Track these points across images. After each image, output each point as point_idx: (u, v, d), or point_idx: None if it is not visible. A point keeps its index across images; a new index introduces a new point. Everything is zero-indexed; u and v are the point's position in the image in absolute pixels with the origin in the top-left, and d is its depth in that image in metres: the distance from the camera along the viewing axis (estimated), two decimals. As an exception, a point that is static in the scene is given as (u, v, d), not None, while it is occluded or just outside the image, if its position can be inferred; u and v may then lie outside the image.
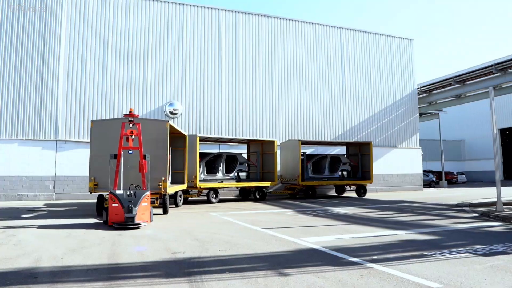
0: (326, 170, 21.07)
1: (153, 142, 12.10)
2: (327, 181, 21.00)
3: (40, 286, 4.48)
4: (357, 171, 22.41)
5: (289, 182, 20.37)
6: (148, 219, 9.85)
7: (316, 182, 20.50)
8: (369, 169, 21.63)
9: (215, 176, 17.87)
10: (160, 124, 12.87)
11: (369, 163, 21.65)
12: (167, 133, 12.53)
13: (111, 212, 9.40)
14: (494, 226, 9.62)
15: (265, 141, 20.21)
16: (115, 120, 12.90)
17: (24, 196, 18.82)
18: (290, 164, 20.30)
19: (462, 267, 5.32)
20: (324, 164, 21.15)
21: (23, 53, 19.69)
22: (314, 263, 5.63)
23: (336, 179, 21.33)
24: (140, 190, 10.17)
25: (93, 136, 12.52)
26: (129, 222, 9.03)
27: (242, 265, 5.64)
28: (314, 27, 26.43)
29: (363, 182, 21.50)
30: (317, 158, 21.50)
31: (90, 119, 19.04)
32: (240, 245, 7.13)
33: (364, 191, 21.38)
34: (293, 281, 4.70)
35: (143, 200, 9.64)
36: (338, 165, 21.39)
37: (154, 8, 22.37)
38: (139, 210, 9.45)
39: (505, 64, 25.06)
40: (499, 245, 6.99)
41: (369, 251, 6.48)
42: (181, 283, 4.59)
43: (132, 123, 10.70)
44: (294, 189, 20.53)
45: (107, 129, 12.46)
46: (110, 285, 4.52)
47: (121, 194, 9.51)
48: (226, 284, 4.56)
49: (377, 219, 11.20)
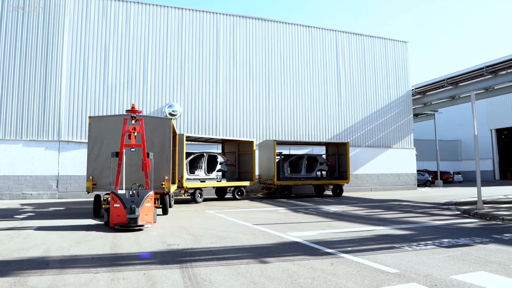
0: (303, 170, 21.20)
1: (156, 140, 11.82)
2: (304, 180, 21.10)
3: (52, 271, 5.18)
4: (334, 171, 22.60)
5: (266, 182, 20.62)
6: (151, 220, 9.44)
7: (292, 181, 20.66)
8: (346, 169, 21.84)
9: (198, 175, 18.02)
10: (163, 122, 12.52)
11: (346, 163, 21.87)
12: (170, 131, 12.32)
13: (113, 213, 9.01)
14: (469, 223, 10.30)
15: (243, 141, 20.34)
16: (115, 116, 12.46)
17: (28, 195, 19.53)
18: (267, 164, 20.52)
19: (423, 257, 6.01)
20: (301, 164, 21.31)
21: (27, 56, 20.39)
22: (293, 254, 6.33)
23: (313, 179, 21.44)
24: (143, 189, 9.75)
25: (91, 133, 11.96)
26: (131, 224, 8.70)
27: (229, 254, 6.34)
28: (310, 30, 27.10)
29: (339, 181, 21.68)
30: (295, 158, 21.66)
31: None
32: (230, 238, 7.84)
33: (340, 191, 21.51)
34: (270, 267, 5.40)
35: (146, 200, 9.22)
36: (315, 165, 21.54)
37: (154, 12, 23.07)
38: (142, 211, 9.06)
39: (496, 67, 25.71)
40: (465, 238, 7.68)
41: (345, 244, 7.17)
42: (173, 269, 5.30)
43: (135, 120, 10.33)
44: (271, 188, 20.73)
45: (106, 126, 11.94)
46: (112, 270, 5.22)
47: (123, 194, 9.11)
48: (212, 270, 5.26)
49: (363, 217, 11.87)
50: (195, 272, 5.14)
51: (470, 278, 4.78)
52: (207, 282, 4.68)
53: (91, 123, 12.03)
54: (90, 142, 12.02)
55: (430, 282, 4.64)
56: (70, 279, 4.77)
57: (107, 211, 9.46)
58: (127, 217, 8.75)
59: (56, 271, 5.17)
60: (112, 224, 8.96)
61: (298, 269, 5.27)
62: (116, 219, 8.93)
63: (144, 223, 8.96)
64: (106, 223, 9.46)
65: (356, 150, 27.24)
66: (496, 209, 12.61)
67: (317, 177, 21.76)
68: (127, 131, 10.09)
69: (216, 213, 12.87)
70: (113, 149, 10.77)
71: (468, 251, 6.43)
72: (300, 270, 5.22)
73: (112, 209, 9.07)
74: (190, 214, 12.74)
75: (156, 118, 13.52)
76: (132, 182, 10.69)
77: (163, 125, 12.34)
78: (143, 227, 8.89)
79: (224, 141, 21.26)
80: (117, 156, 9.94)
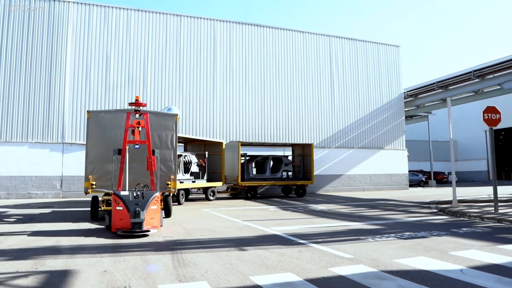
0: (268, 171, 21.44)
1: (160, 137, 11.27)
2: (269, 181, 21.29)
3: (64, 256, 6.22)
4: (299, 172, 22.80)
5: (230, 182, 20.81)
6: (158, 224, 8.69)
7: (256, 182, 20.79)
8: (310, 170, 22.07)
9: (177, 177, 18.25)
10: (168, 118, 11.89)
11: (311, 164, 22.11)
12: (176, 127, 11.79)
13: (115, 217, 8.27)
14: (439, 219, 11.29)
15: (211, 141, 20.19)
16: (116, 111, 11.63)
17: (33, 194, 20.58)
18: (232, 165, 20.64)
19: (379, 246, 7.02)
20: (267, 165, 21.54)
21: (32, 63, 21.46)
22: (269, 244, 7.34)
23: (277, 180, 21.61)
24: (149, 190, 9.00)
25: (89, 128, 10.99)
26: (136, 229, 7.93)
27: (214, 244, 7.37)
28: (305, 36, 28.11)
29: (303, 182, 21.91)
30: (260, 159, 21.82)
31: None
32: (218, 232, 8.86)
33: (303, 191, 21.80)
34: (247, 253, 6.42)
35: (152, 202, 8.47)
36: (281, 165, 21.88)
37: (153, 19, 24.13)
38: (148, 214, 8.30)
39: (483, 71, 26.70)
40: (425, 232, 8.68)
41: (317, 236, 8.18)
42: (166, 254, 6.32)
43: (139, 113, 9.52)
44: (237, 189, 20.98)
45: (106, 121, 11.10)
46: (114, 255, 6.25)
47: (126, 196, 8.35)
48: (198, 255, 6.28)
49: (346, 214, 12.87)
50: (183, 256, 6.16)
51: (407, 261, 5.79)
52: (192, 263, 5.70)
53: (89, 117, 11.04)
54: (88, 139, 11.03)
55: (374, 264, 5.65)
56: (80, 261, 5.81)
57: (109, 214, 8.72)
58: (131, 222, 8.01)
59: (68, 256, 6.19)
60: (114, 228, 8.28)
61: (269, 255, 6.28)
62: (119, 223, 8.21)
63: (149, 228, 8.25)
64: (108, 227, 8.73)
65: (349, 151, 28.24)
66: (469, 207, 13.60)
67: (282, 178, 21.88)
68: (131, 126, 9.26)
69: (210, 211, 13.88)
70: (115, 145, 10.07)
71: (421, 242, 7.43)
72: (271, 256, 6.23)
73: (114, 212, 8.33)
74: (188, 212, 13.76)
75: (160, 114, 12.52)
76: (134, 182, 9.93)
77: (168, 122, 11.69)
78: (149, 232, 8.15)
79: (187, 141, 20.73)
80: (119, 153, 9.13)
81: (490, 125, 12.30)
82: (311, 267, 5.47)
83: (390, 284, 4.65)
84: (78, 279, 4.88)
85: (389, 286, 4.57)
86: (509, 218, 10.33)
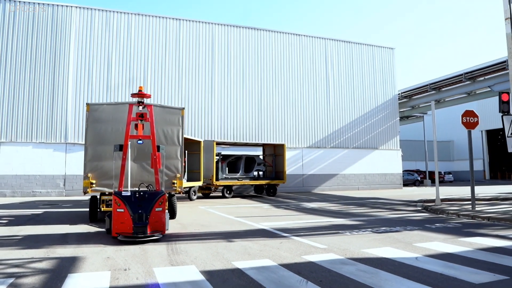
0: (240, 170, 21.64)
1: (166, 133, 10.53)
2: (241, 180, 21.49)
3: (72, 245, 7.05)
4: (272, 171, 23.18)
5: (205, 182, 20.48)
6: (163, 228, 7.89)
7: (229, 181, 20.97)
8: (282, 169, 22.39)
9: None
10: (174, 112, 10.92)
11: (282, 164, 22.44)
12: (182, 122, 10.86)
13: (116, 220, 7.54)
14: (419, 216, 12.07)
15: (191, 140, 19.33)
16: (118, 104, 10.69)
17: (38, 193, 21.42)
18: (207, 164, 20.51)
19: (353, 239, 7.82)
20: (239, 164, 21.77)
21: (36, 65, 22.30)
22: (255, 236, 8.15)
23: (250, 179, 21.84)
24: (153, 190, 8.28)
25: (89, 123, 10.10)
26: (139, 233, 7.26)
27: (206, 236, 8.19)
28: (301, 38, 28.89)
29: (275, 181, 22.23)
30: (233, 158, 21.98)
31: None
32: (211, 226, 9.68)
33: (274, 191, 22.17)
34: (233, 244, 7.23)
35: (157, 203, 7.73)
36: (253, 165, 22.16)
37: (153, 23, 24.94)
38: (152, 217, 7.59)
39: (474, 74, 27.46)
40: (400, 227, 9.48)
41: (300, 231, 8.98)
42: (161, 245, 7.14)
43: (143, 105, 8.64)
44: (210, 188, 21.11)
45: (107, 114, 10.24)
46: (116, 246, 7.06)
47: (128, 197, 7.60)
48: (190, 245, 7.09)
49: (334, 211, 13.65)
50: (177, 247, 6.97)
51: (373, 251, 6.58)
52: (184, 252, 6.52)
53: (88, 111, 10.18)
54: (88, 134, 10.12)
55: (343, 253, 6.45)
56: (86, 250, 6.63)
57: (109, 216, 8.01)
58: (133, 226, 7.34)
59: (75, 246, 7.01)
60: (114, 233, 7.59)
61: (253, 245, 7.09)
62: (120, 227, 7.49)
63: (154, 233, 7.53)
64: (108, 231, 8.08)
65: (344, 151, 29.04)
66: (450, 205, 14.39)
67: (254, 177, 22.17)
68: (133, 120, 8.46)
69: (207, 208, 14.69)
70: (116, 140, 9.38)
71: (392, 235, 8.23)
72: (255, 246, 7.04)
73: (115, 215, 7.58)
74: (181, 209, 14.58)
75: (166, 107, 11.44)
76: (138, 180, 9.36)
77: (174, 115, 10.78)
78: (153, 237, 7.42)
79: None
80: (121, 149, 8.29)
81: (468, 128, 13.09)
82: (287, 255, 6.27)
83: (351, 268, 5.45)
84: (85, 263, 5.70)
85: (350, 269, 5.37)
86: (482, 215, 11.12)
